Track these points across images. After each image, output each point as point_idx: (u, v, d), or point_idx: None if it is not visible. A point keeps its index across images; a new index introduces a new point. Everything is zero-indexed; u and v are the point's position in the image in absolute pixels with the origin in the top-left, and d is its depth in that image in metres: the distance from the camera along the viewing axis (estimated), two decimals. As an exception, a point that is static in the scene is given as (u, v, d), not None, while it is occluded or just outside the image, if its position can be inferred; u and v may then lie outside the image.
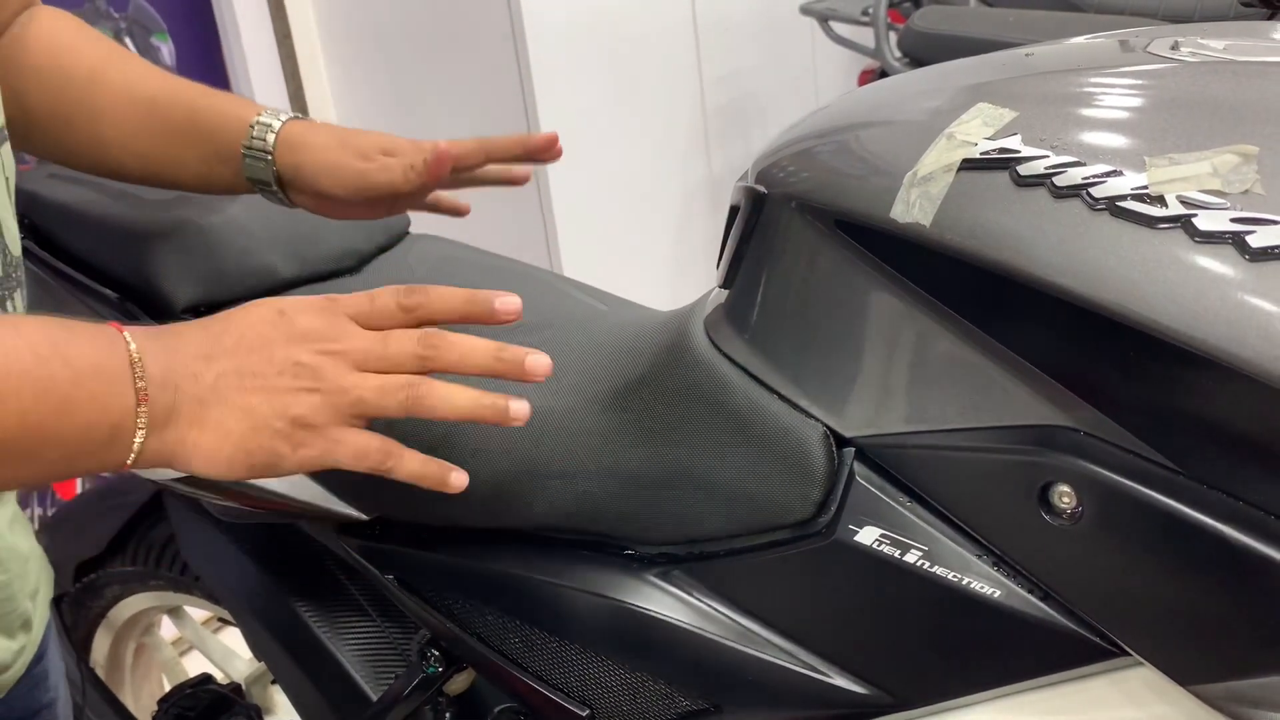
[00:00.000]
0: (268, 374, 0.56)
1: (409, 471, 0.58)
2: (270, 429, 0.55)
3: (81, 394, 0.51)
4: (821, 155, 0.61)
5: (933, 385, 0.56)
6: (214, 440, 0.55)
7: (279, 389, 0.56)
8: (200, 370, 0.55)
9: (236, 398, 0.55)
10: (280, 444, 0.56)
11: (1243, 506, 0.47)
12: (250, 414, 0.55)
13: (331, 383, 0.56)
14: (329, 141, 0.78)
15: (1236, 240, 0.45)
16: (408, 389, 0.57)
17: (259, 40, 2.04)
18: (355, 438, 0.57)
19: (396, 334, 0.58)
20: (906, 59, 1.91)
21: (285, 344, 0.56)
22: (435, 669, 0.81)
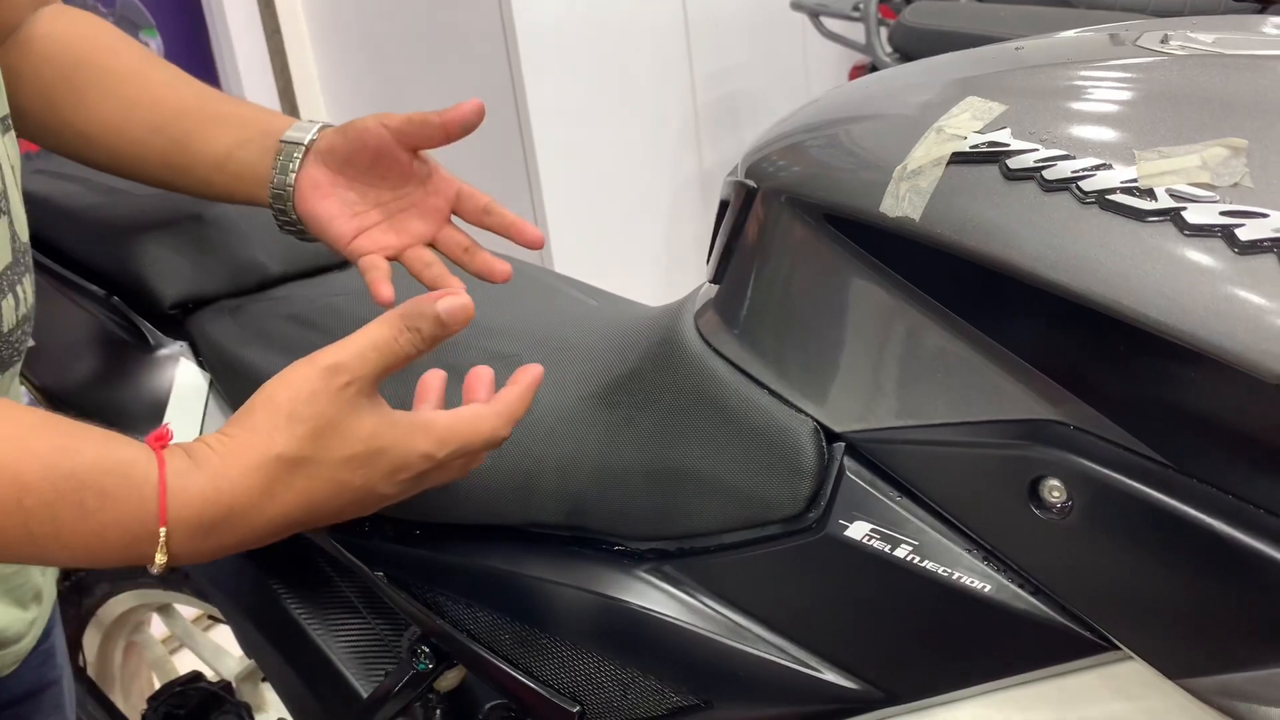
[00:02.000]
0: (337, 497, 0.54)
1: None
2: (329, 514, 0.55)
3: (96, 519, 0.48)
4: (811, 149, 0.61)
5: (922, 380, 0.56)
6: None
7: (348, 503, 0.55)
8: (253, 519, 0.52)
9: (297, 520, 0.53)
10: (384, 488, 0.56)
11: (1232, 500, 0.47)
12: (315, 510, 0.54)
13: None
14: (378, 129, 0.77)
15: (1226, 233, 0.45)
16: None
17: (248, 35, 2.04)
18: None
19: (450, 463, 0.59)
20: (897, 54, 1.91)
21: (380, 475, 0.56)
22: (425, 666, 0.81)
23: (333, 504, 0.54)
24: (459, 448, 0.58)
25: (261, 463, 0.51)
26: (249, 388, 0.80)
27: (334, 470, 0.53)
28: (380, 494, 0.56)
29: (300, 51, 2.13)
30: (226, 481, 0.50)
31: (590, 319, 0.84)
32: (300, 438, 0.52)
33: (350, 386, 0.53)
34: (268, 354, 0.81)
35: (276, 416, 0.52)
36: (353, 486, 0.54)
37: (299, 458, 0.52)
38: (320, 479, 0.53)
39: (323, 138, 0.77)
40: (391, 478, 0.55)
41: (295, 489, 0.52)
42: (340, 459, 0.53)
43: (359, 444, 0.53)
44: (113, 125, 0.78)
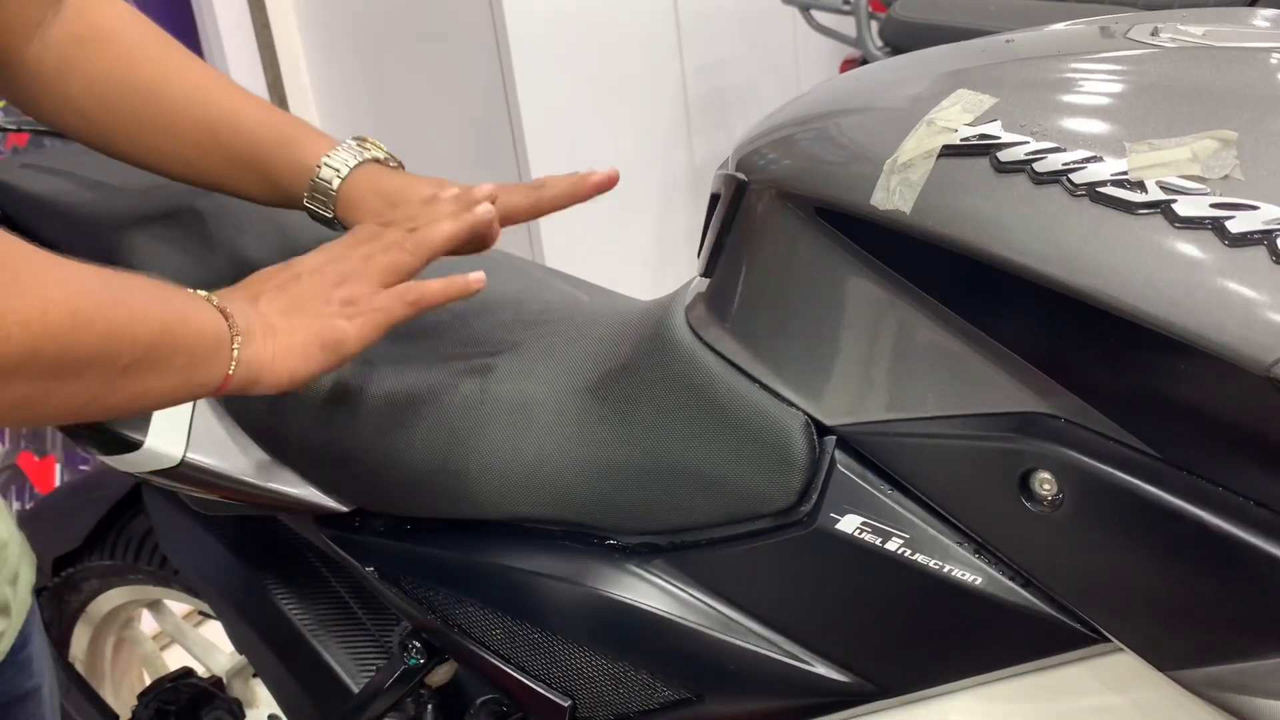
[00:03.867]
0: (307, 286, 0.67)
1: (436, 294, 0.69)
2: (326, 313, 0.65)
3: (190, 313, 0.61)
4: (802, 142, 0.61)
5: (914, 373, 0.56)
6: (288, 339, 0.64)
7: (318, 287, 0.66)
8: (251, 302, 0.65)
9: (288, 305, 0.66)
10: (339, 320, 0.66)
11: (1222, 492, 0.47)
12: (304, 309, 0.65)
13: (357, 268, 0.67)
14: (381, 207, 0.78)
15: (1216, 226, 0.45)
16: (409, 240, 0.69)
17: (237, 29, 2.03)
18: (389, 295, 0.67)
19: (383, 232, 0.70)
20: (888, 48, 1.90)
21: (311, 270, 0.68)
22: (417, 661, 0.81)
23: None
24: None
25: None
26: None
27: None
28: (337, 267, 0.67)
29: (290, 46, 2.12)
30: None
31: (581, 313, 0.83)
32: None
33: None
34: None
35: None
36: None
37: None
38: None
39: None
40: (294, 281, 0.67)
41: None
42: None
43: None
44: (167, 157, 0.82)
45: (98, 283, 0.56)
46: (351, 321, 0.66)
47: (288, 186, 0.80)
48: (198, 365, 0.61)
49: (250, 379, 0.64)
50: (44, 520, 1.21)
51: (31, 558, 0.76)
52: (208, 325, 0.62)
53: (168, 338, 0.59)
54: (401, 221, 0.71)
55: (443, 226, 0.69)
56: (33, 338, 0.51)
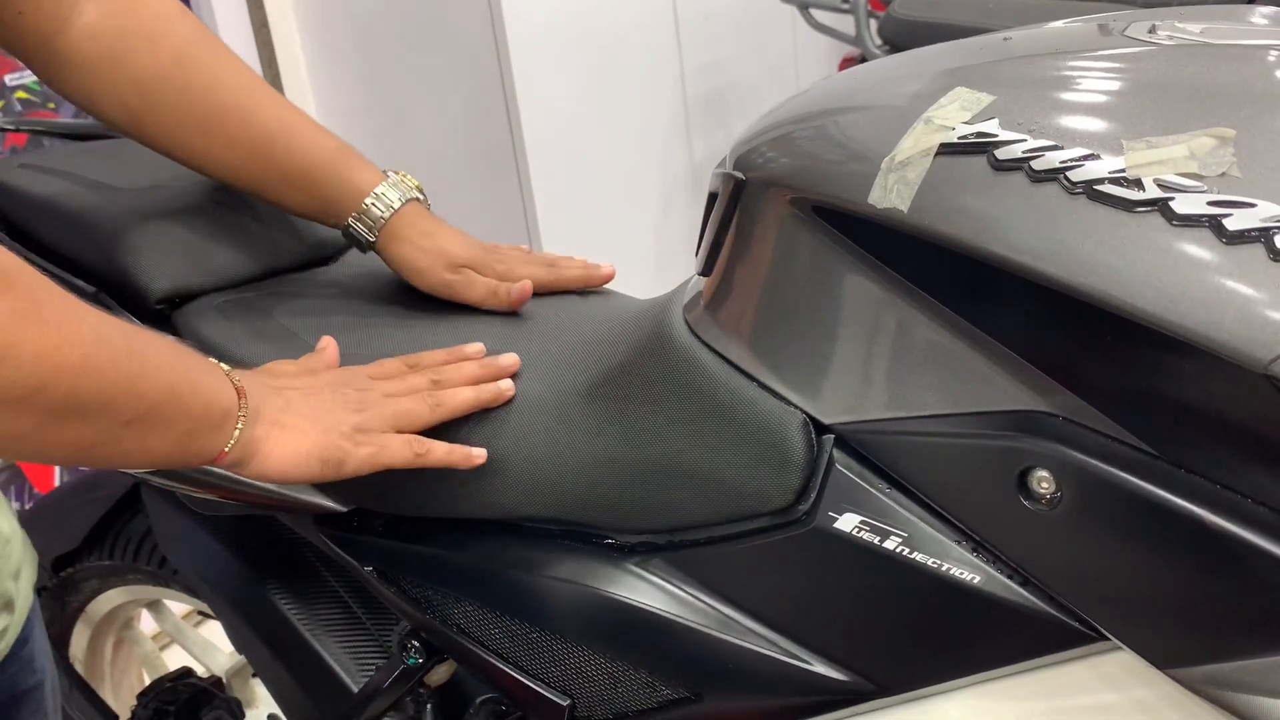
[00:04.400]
0: (328, 400, 0.69)
1: (438, 458, 0.70)
2: (338, 432, 0.67)
3: (203, 381, 0.62)
4: (799, 140, 0.61)
5: (912, 371, 0.56)
6: (293, 438, 0.66)
7: (338, 406, 0.69)
8: (273, 389, 0.68)
9: (306, 409, 0.68)
10: (346, 444, 0.67)
11: (1220, 491, 0.47)
12: (319, 421, 0.67)
13: (376, 402, 0.70)
14: (424, 246, 0.85)
15: (1213, 223, 0.45)
16: (430, 397, 0.71)
17: (235, 29, 2.03)
18: (399, 439, 0.69)
19: (410, 373, 0.74)
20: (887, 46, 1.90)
21: (332, 383, 0.71)
22: (416, 660, 0.81)
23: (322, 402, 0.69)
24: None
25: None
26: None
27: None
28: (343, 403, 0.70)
29: (289, 45, 2.12)
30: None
31: (579, 312, 0.83)
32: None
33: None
34: (255, 348, 0.81)
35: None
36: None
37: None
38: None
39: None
40: (319, 390, 0.70)
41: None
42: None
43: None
44: (212, 159, 0.84)
45: (116, 333, 0.57)
46: (357, 449, 0.68)
47: (334, 207, 0.85)
48: (199, 434, 0.62)
49: (243, 460, 0.65)
50: (43, 520, 1.21)
51: (33, 554, 0.77)
52: (218, 397, 0.63)
53: (175, 400, 0.60)
54: (427, 363, 0.74)
55: (464, 395, 0.72)
56: (44, 372, 0.52)
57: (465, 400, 0.72)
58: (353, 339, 0.81)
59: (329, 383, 0.71)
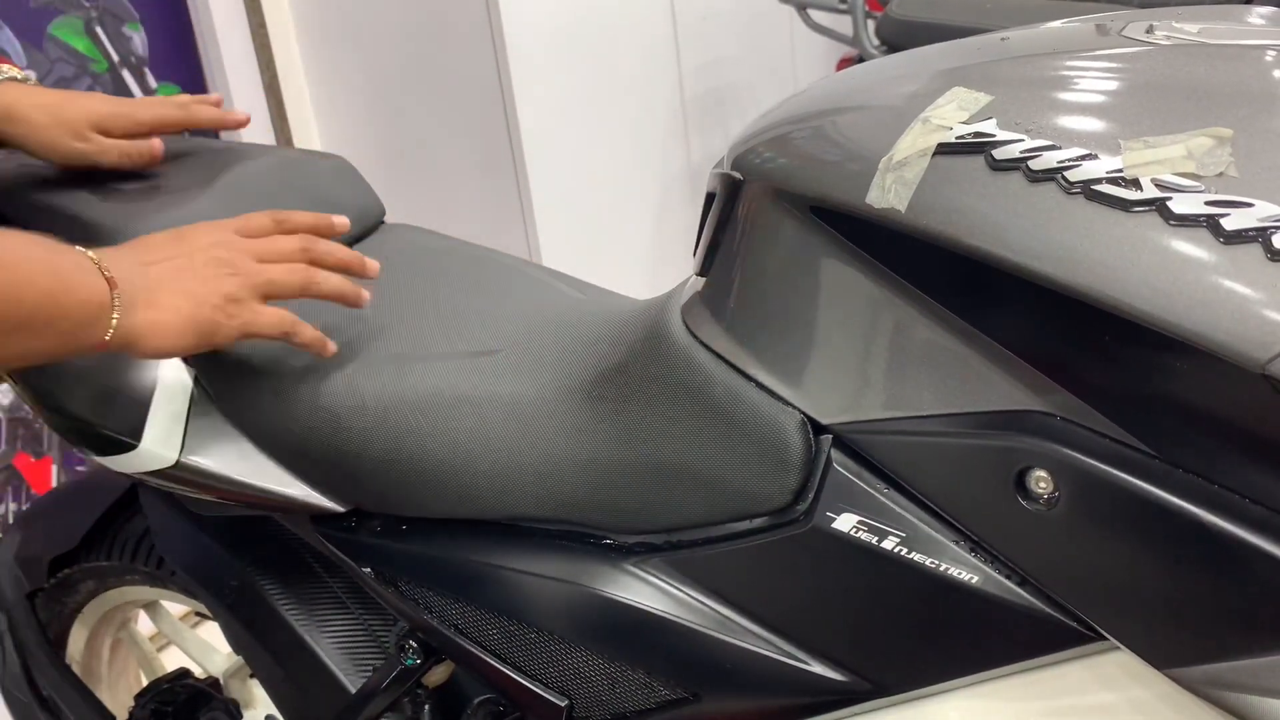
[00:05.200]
0: (196, 267, 0.71)
1: (308, 337, 0.74)
2: (209, 304, 0.70)
3: (76, 280, 0.65)
4: (797, 140, 0.61)
5: (909, 371, 0.56)
6: (167, 317, 0.69)
7: (208, 276, 0.70)
8: (142, 271, 0.69)
9: (177, 285, 0.70)
10: (217, 315, 0.70)
11: (1218, 490, 0.47)
12: (191, 295, 0.70)
13: (246, 268, 0.72)
14: (44, 120, 0.85)
15: (1211, 223, 0.45)
16: (304, 272, 0.74)
17: (233, 31, 2.02)
18: (271, 311, 0.73)
19: (276, 238, 0.75)
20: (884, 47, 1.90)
21: (203, 248, 0.72)
22: (414, 661, 0.81)
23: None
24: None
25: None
26: (233, 382, 0.80)
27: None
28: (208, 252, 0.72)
29: (286, 46, 2.12)
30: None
31: (577, 312, 0.83)
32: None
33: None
34: (250, 348, 0.81)
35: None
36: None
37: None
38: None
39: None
40: (187, 254, 0.71)
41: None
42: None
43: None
44: None
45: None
46: (229, 320, 0.71)
47: None
48: (78, 330, 0.65)
49: (124, 345, 0.68)
50: (40, 521, 1.21)
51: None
52: (92, 294, 0.66)
53: (52, 304, 0.63)
54: (301, 229, 0.76)
55: (335, 281, 0.75)
56: None
57: (335, 287, 0.75)
58: (352, 339, 0.81)
59: (201, 247, 0.72)
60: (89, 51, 1.86)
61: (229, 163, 0.94)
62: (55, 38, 1.81)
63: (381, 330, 0.82)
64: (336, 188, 0.98)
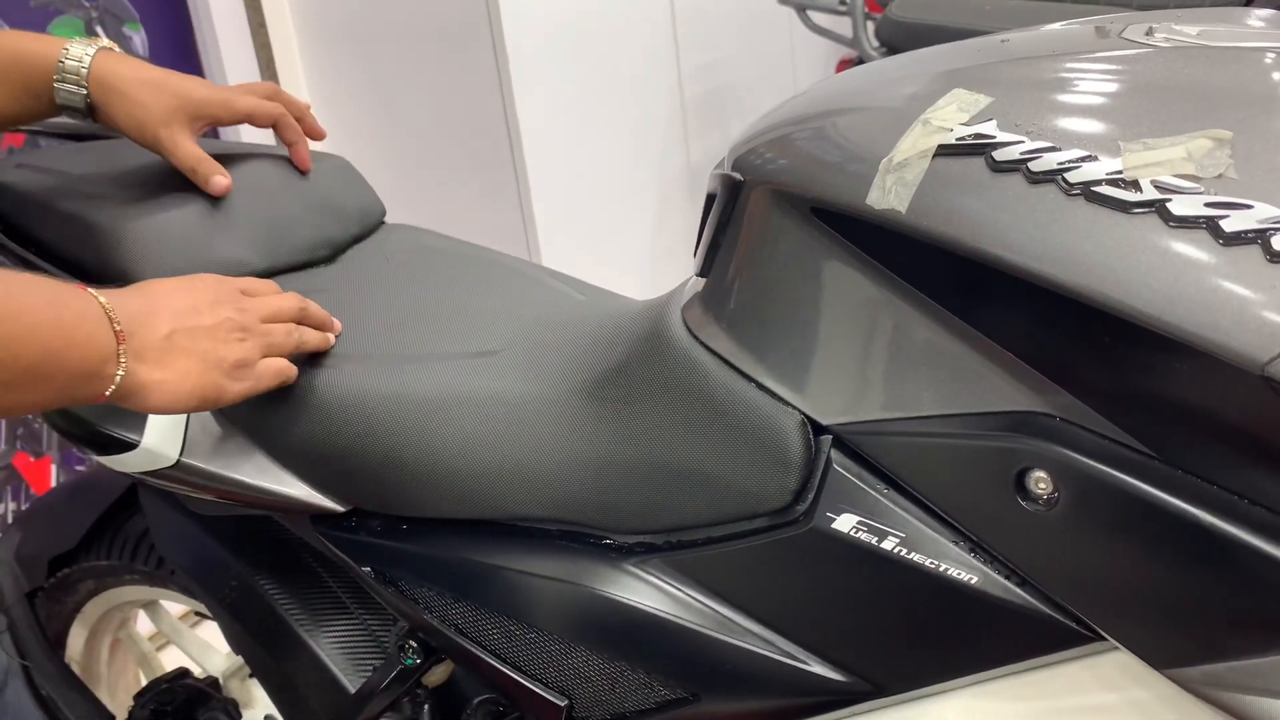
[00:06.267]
0: (210, 329, 0.71)
1: (293, 376, 0.77)
2: (218, 369, 0.70)
3: (80, 334, 0.63)
4: (797, 142, 0.61)
5: (909, 372, 0.56)
6: (174, 378, 0.68)
7: (221, 339, 0.71)
8: (155, 325, 0.68)
9: (191, 346, 0.69)
10: (224, 380, 0.71)
11: (1218, 491, 0.47)
12: (202, 359, 0.70)
13: (254, 331, 0.73)
14: (142, 96, 0.86)
15: (1210, 225, 0.45)
16: (299, 333, 0.77)
17: (233, 30, 2.02)
18: (270, 366, 0.74)
19: (276, 297, 0.78)
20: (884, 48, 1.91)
21: (214, 306, 0.72)
22: (413, 661, 0.81)
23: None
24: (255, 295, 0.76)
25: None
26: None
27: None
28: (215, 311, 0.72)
29: (286, 46, 2.12)
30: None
31: (577, 313, 0.83)
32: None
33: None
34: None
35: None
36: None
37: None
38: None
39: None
40: (200, 312, 0.71)
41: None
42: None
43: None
44: None
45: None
46: (235, 385, 0.72)
47: (34, 83, 0.84)
48: (78, 384, 0.64)
49: (125, 399, 0.67)
50: (40, 520, 1.21)
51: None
52: (96, 347, 0.64)
53: (52, 359, 0.61)
54: (312, 322, 0.79)
55: (317, 337, 0.79)
56: None
57: (317, 343, 0.79)
58: (352, 339, 0.81)
59: (209, 303, 0.72)
60: (89, 51, 1.86)
61: (230, 163, 0.94)
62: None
63: (381, 330, 0.82)
64: (337, 187, 0.98)
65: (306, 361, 0.78)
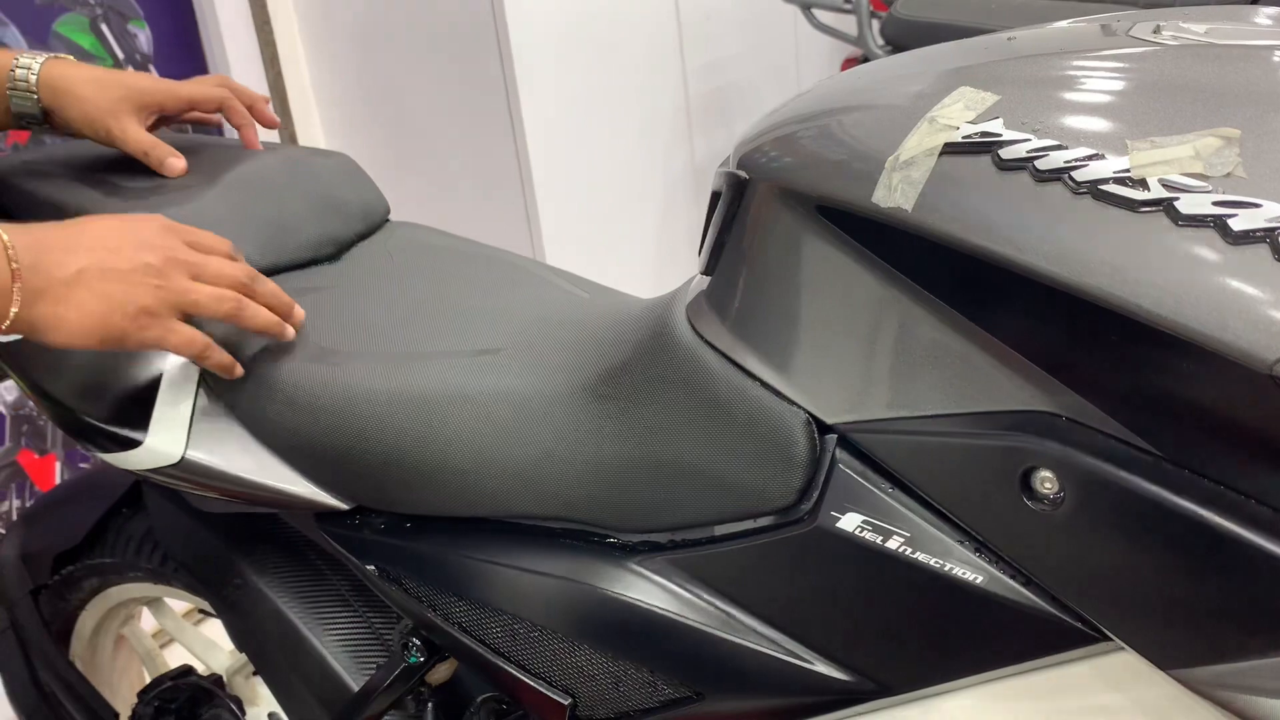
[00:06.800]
0: (123, 270, 0.70)
1: (217, 361, 0.76)
2: (121, 312, 0.70)
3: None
4: (803, 140, 0.61)
5: (915, 371, 0.56)
6: (75, 316, 0.69)
7: (133, 283, 0.70)
8: (64, 261, 0.69)
9: (97, 285, 0.69)
10: (128, 325, 0.70)
11: (1224, 491, 0.47)
12: (107, 299, 0.69)
13: (174, 284, 0.72)
14: (87, 93, 0.88)
15: (1218, 224, 0.45)
16: (235, 302, 0.74)
17: (237, 27, 2.02)
18: (185, 330, 0.73)
19: (222, 260, 0.75)
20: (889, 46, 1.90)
21: (139, 247, 0.71)
22: (417, 659, 0.81)
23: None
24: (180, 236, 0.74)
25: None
26: (238, 380, 0.80)
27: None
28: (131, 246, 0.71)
29: (290, 44, 2.12)
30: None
31: (581, 311, 0.83)
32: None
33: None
34: (257, 345, 0.81)
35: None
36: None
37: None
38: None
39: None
40: (117, 251, 0.71)
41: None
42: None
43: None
44: None
45: None
46: (138, 332, 0.71)
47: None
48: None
49: (26, 331, 0.69)
50: (44, 518, 1.21)
51: None
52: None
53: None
54: (264, 300, 0.76)
55: (265, 318, 0.76)
56: None
57: (263, 323, 0.76)
58: (357, 337, 0.81)
59: (135, 245, 0.71)
60: (94, 49, 1.86)
61: (234, 161, 0.94)
62: (60, 35, 1.82)
63: (385, 328, 0.82)
64: (341, 186, 0.98)
65: (309, 359, 0.78)
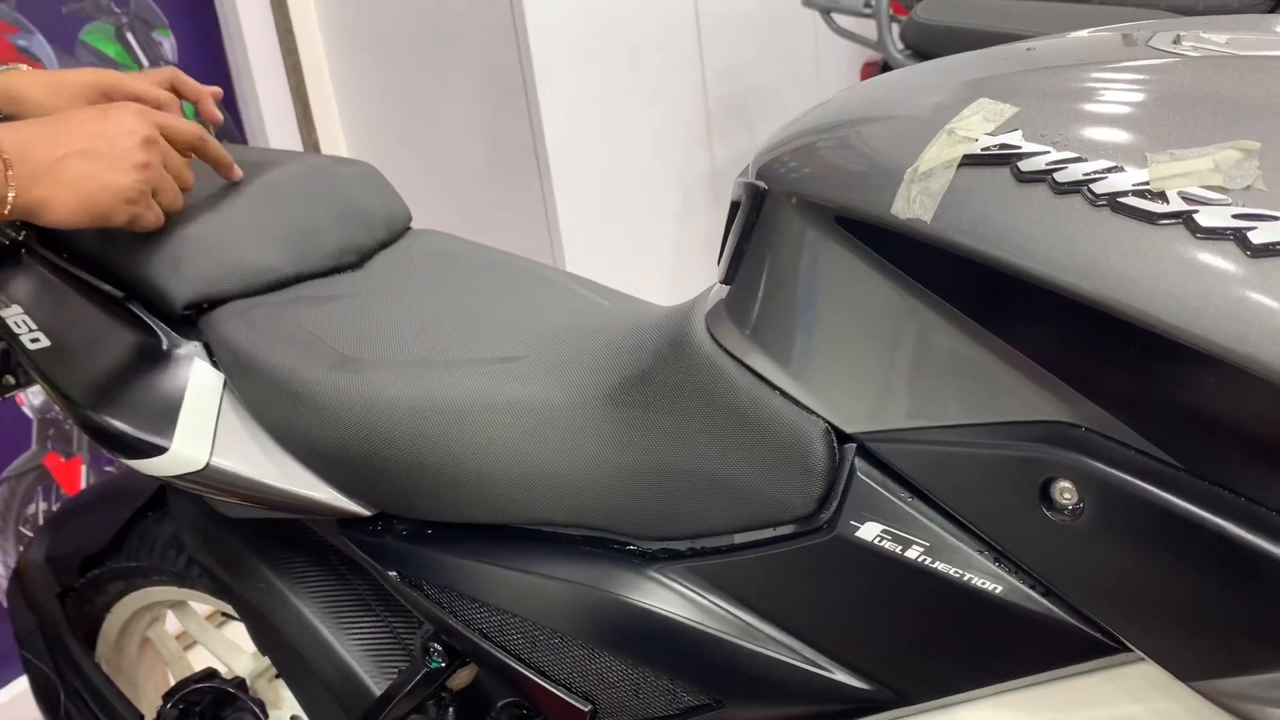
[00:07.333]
0: (105, 153, 0.79)
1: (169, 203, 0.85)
2: (110, 191, 0.79)
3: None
4: (822, 150, 0.61)
5: (934, 381, 0.56)
6: (66, 196, 0.77)
7: (115, 164, 0.79)
8: (51, 150, 0.77)
9: (84, 167, 0.78)
10: (118, 204, 0.80)
11: (1244, 502, 0.47)
12: (94, 179, 0.78)
13: (152, 176, 0.81)
14: (43, 96, 0.92)
15: (1238, 236, 0.45)
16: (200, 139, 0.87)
17: (260, 34, 2.04)
18: (155, 212, 0.83)
19: (186, 121, 0.86)
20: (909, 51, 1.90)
21: (116, 133, 0.80)
22: (438, 664, 0.82)
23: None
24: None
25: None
26: (262, 387, 0.81)
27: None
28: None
29: (313, 50, 2.14)
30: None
31: (602, 319, 0.84)
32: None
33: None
34: (280, 353, 0.82)
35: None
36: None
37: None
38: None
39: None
40: (102, 136, 0.79)
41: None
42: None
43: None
44: None
45: None
46: (125, 207, 0.80)
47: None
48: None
49: (24, 213, 0.77)
50: (71, 522, 1.23)
51: None
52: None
53: None
54: (212, 159, 0.90)
55: (218, 151, 0.89)
56: None
57: (218, 153, 0.89)
58: (379, 345, 0.81)
59: (116, 130, 0.80)
60: (120, 57, 1.88)
61: (257, 170, 0.95)
62: (87, 43, 1.84)
63: (407, 336, 0.83)
64: (364, 194, 0.99)
65: (333, 367, 0.79)
